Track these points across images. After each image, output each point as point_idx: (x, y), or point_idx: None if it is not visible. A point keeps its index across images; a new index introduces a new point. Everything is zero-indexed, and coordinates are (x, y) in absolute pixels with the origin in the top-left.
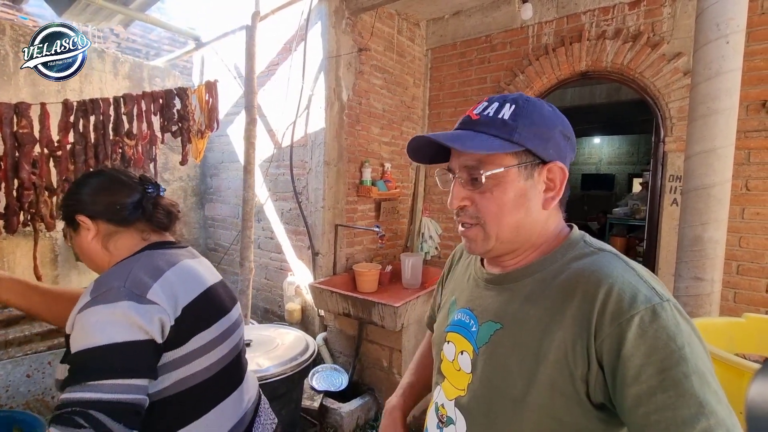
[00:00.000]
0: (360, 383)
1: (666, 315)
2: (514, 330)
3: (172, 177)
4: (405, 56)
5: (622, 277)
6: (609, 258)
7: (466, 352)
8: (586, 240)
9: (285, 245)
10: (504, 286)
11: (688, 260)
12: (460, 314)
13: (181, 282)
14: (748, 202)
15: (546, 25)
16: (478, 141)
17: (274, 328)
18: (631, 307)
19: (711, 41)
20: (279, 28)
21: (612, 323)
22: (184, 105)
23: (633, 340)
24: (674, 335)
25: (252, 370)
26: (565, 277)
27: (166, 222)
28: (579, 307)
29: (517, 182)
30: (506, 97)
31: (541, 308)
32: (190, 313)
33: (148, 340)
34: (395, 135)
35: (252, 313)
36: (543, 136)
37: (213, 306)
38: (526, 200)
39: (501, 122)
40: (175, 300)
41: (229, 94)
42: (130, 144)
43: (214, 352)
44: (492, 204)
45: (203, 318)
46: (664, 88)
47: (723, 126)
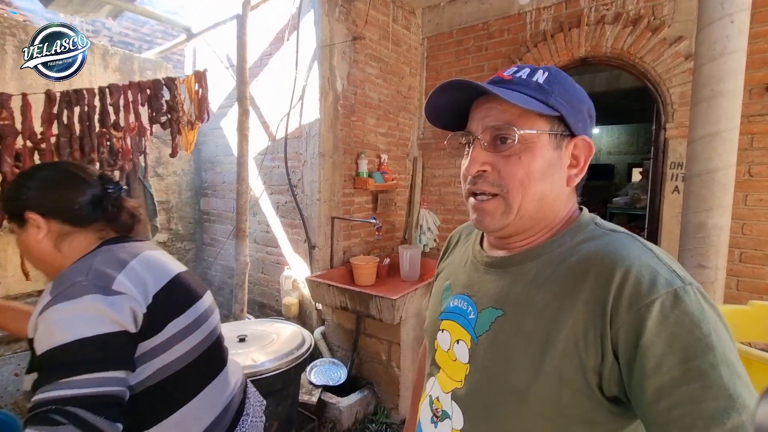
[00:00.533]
0: (359, 377)
1: (689, 300)
2: (517, 317)
3: (166, 171)
4: (401, 45)
5: (640, 259)
6: (624, 239)
7: (462, 341)
8: (597, 222)
9: (281, 239)
10: (506, 269)
11: (691, 248)
12: (456, 300)
13: (148, 270)
14: (751, 188)
15: (544, 11)
16: (516, 95)
17: (269, 322)
18: (651, 292)
19: (715, 20)
20: (271, 17)
21: (630, 309)
22: (173, 95)
23: (653, 327)
24: (699, 321)
25: (247, 365)
26: (575, 259)
27: (131, 224)
28: (592, 291)
29: (546, 150)
30: (536, 66)
31: (548, 293)
32: (162, 299)
33: (121, 331)
34: (392, 126)
35: (249, 308)
36: (575, 107)
37: (184, 292)
38: (553, 172)
39: (536, 85)
40: (144, 288)
41: (222, 86)
42: (117, 136)
43: (191, 338)
44: (519, 170)
45: (176, 304)
46: (665, 73)
47: (727, 109)
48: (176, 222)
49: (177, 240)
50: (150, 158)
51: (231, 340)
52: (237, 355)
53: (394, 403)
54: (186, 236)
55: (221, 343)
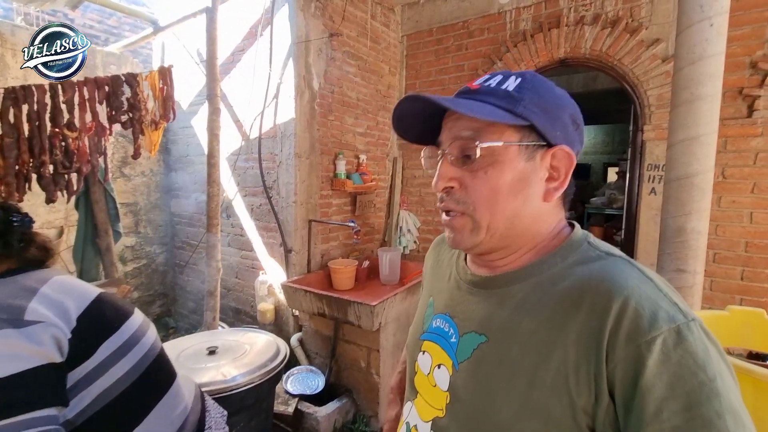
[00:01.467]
0: (337, 385)
1: (693, 338)
2: (502, 344)
3: (134, 172)
4: (379, 43)
5: (639, 289)
6: (621, 265)
7: (444, 366)
8: (591, 241)
9: (256, 243)
10: (491, 290)
11: (670, 252)
12: (438, 320)
13: (64, 293)
14: (724, 190)
15: (524, 11)
16: (478, 107)
17: (242, 332)
18: (652, 327)
19: (695, 23)
20: (243, 10)
21: (628, 345)
22: (135, 93)
23: (654, 368)
24: (704, 363)
25: (217, 380)
26: (568, 284)
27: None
28: (586, 322)
29: (517, 163)
30: (510, 72)
31: (536, 320)
32: (88, 321)
33: (43, 365)
34: (371, 125)
35: (223, 315)
36: (551, 114)
37: (113, 310)
38: (526, 186)
39: (504, 93)
40: (64, 312)
41: (193, 82)
42: (72, 136)
43: (129, 356)
44: (485, 186)
45: (106, 323)
46: (643, 75)
47: (706, 112)
48: (145, 225)
49: (146, 243)
50: (116, 158)
51: (200, 353)
52: (207, 369)
53: (374, 411)
54: (155, 240)
55: (165, 358)
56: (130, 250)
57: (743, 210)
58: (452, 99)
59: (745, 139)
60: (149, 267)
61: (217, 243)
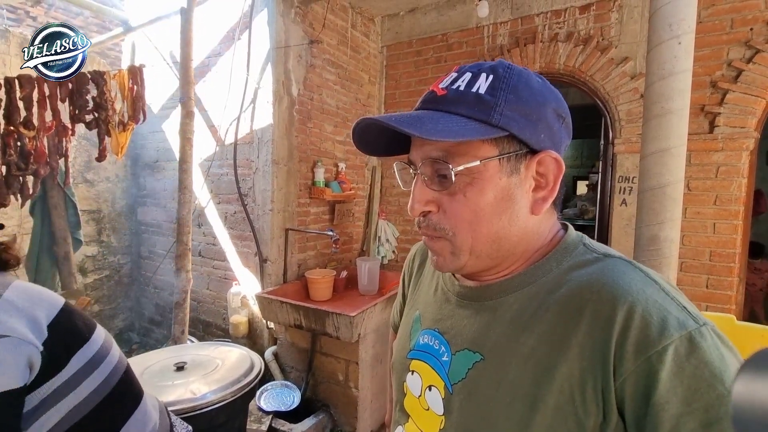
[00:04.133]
0: (313, 400)
1: (707, 345)
2: (500, 363)
3: (98, 177)
4: (360, 52)
5: (644, 293)
6: (622, 266)
7: (435, 388)
8: (587, 243)
9: (229, 252)
10: (483, 303)
11: (645, 260)
12: (426, 336)
13: (30, 301)
14: (689, 201)
15: (501, 26)
16: (444, 124)
17: (214, 346)
18: (662, 336)
19: (664, 41)
20: (220, 13)
21: (637, 357)
22: (101, 92)
23: (667, 381)
24: (720, 373)
25: (185, 398)
26: (565, 291)
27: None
28: (589, 333)
29: (498, 179)
30: (482, 66)
31: (534, 334)
32: (59, 329)
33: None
34: (350, 134)
35: (192, 328)
36: (532, 116)
37: (81, 320)
38: (511, 203)
39: (475, 98)
40: (33, 321)
41: (165, 85)
42: (29, 135)
43: (99, 371)
44: (465, 209)
45: (76, 334)
46: (614, 91)
47: (676, 125)
48: (108, 233)
49: (110, 254)
50: (78, 162)
51: (167, 369)
52: (174, 386)
53: (352, 426)
54: (120, 249)
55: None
56: (91, 260)
57: (707, 221)
58: (413, 117)
59: (707, 153)
60: (112, 279)
61: (187, 252)
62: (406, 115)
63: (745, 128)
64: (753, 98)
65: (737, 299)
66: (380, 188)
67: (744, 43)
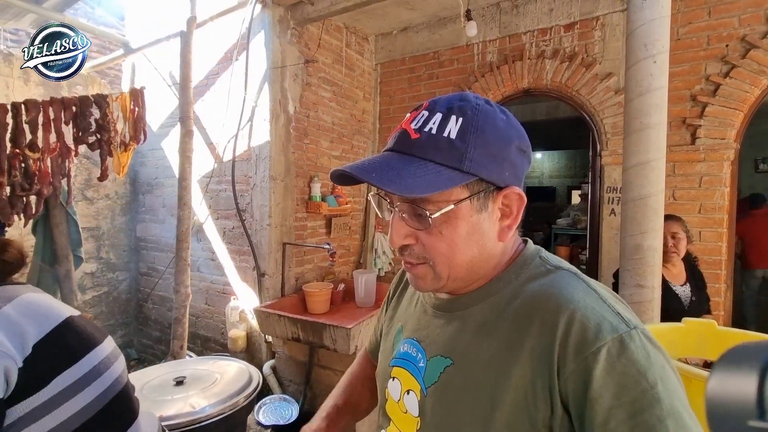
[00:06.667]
0: (312, 413)
1: (635, 346)
2: (466, 367)
3: (97, 195)
4: (354, 70)
5: (584, 302)
6: (568, 278)
7: (412, 392)
8: (542, 256)
9: (228, 267)
10: (453, 313)
11: (630, 268)
12: (406, 345)
13: (27, 315)
14: (675, 210)
15: (490, 44)
16: (420, 176)
17: (212, 360)
18: (597, 338)
19: (640, 60)
20: (218, 35)
21: (576, 358)
22: (104, 114)
23: (600, 378)
24: (645, 370)
25: (184, 412)
26: (520, 301)
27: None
28: (538, 338)
29: (470, 216)
30: (451, 104)
31: (495, 341)
32: (45, 349)
33: None
34: (346, 149)
35: (191, 343)
36: (498, 157)
37: (77, 338)
38: (480, 235)
39: (447, 144)
40: (21, 337)
41: (164, 105)
42: (33, 157)
43: (87, 391)
44: (441, 244)
45: (66, 353)
46: (599, 105)
47: (655, 140)
48: (107, 250)
49: (108, 270)
50: (78, 180)
51: (167, 384)
52: (174, 401)
53: None
54: (119, 265)
55: (129, 393)
56: (90, 277)
57: (693, 229)
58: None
59: (690, 164)
60: (110, 295)
61: (186, 267)
62: (380, 162)
63: (725, 139)
64: (731, 111)
65: (725, 306)
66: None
67: (720, 58)
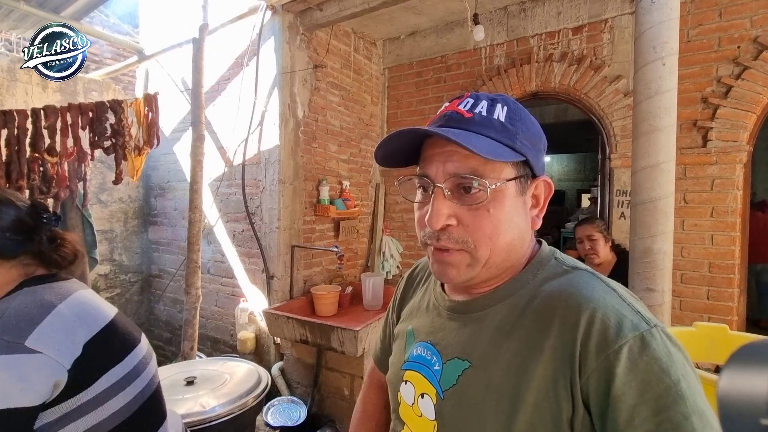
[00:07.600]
0: (319, 415)
1: (656, 344)
2: (486, 369)
3: (111, 198)
4: (362, 74)
5: (604, 300)
6: (586, 278)
7: (427, 396)
8: (558, 257)
9: (237, 269)
10: (470, 315)
11: (640, 272)
12: (419, 348)
13: (79, 315)
14: (686, 214)
15: (497, 48)
16: (480, 142)
17: (222, 361)
18: (618, 337)
19: (649, 62)
20: (229, 42)
21: (598, 356)
22: (119, 119)
23: (623, 376)
24: (668, 367)
25: (195, 411)
26: (539, 301)
27: (70, 260)
28: (559, 337)
29: (514, 197)
30: (491, 96)
31: (515, 341)
32: (95, 349)
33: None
34: (354, 153)
35: (201, 344)
36: (536, 146)
37: (120, 338)
38: (521, 218)
39: (500, 124)
40: (72, 337)
41: (176, 110)
42: (52, 161)
43: (127, 391)
44: (487, 223)
45: (112, 352)
46: (608, 108)
47: (664, 142)
48: (120, 252)
49: (121, 272)
50: (93, 183)
51: (177, 384)
52: (184, 400)
53: None
54: (131, 267)
55: (160, 393)
56: (103, 278)
57: (705, 233)
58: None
59: (702, 166)
60: (123, 296)
61: (197, 270)
62: (443, 129)
63: (738, 142)
64: (743, 113)
65: (739, 310)
66: (384, 205)
67: (732, 60)
